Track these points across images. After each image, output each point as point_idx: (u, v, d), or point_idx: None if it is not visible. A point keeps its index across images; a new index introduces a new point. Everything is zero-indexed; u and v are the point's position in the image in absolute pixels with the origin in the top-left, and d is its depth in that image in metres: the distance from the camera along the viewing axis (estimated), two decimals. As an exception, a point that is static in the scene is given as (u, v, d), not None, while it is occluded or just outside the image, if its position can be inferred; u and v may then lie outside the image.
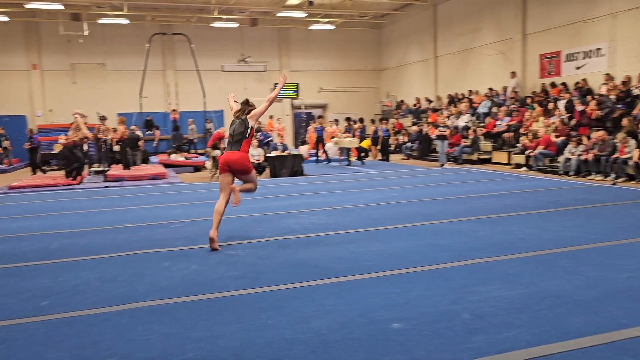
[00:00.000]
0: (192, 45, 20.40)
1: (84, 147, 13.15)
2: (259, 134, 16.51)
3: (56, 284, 4.43)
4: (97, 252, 5.53)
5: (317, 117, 18.48)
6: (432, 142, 17.41)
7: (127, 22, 20.78)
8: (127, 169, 14.32)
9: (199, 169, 16.22)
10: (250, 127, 5.70)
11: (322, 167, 15.37)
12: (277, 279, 4.36)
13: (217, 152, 13.69)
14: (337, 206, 8.11)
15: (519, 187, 9.82)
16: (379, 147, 17.57)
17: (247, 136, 5.68)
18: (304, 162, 14.44)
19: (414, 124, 19.91)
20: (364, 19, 23.95)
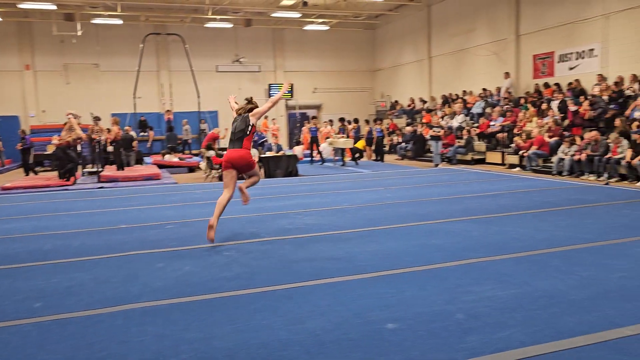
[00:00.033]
0: (186, 45, 20.35)
1: (77, 147, 13.09)
2: (254, 134, 16.48)
3: (50, 285, 4.41)
4: (91, 253, 5.50)
5: (312, 118, 18.49)
6: (426, 143, 17.46)
7: (121, 22, 20.71)
8: (121, 170, 14.27)
9: (193, 169, 16.18)
10: (251, 124, 5.83)
11: (316, 168, 15.37)
12: (272, 280, 4.35)
13: (211, 153, 13.66)
14: (331, 206, 8.11)
15: (512, 187, 9.85)
16: (374, 147, 17.60)
17: (249, 133, 5.81)
18: (299, 162, 14.44)
19: (408, 125, 19.95)
20: (358, 20, 23.99)
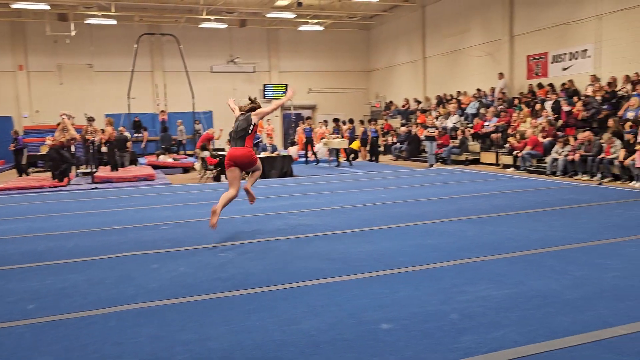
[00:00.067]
0: (181, 45, 20.31)
1: (71, 148, 13.04)
2: (255, 133, 16.46)
3: (43, 286, 4.39)
4: (85, 254, 5.48)
5: (306, 118, 18.48)
6: (421, 143, 17.48)
7: (115, 22, 20.63)
8: (115, 171, 14.22)
9: (187, 170, 16.15)
10: (253, 123, 5.95)
11: (311, 168, 15.37)
12: (266, 281, 4.35)
13: (206, 153, 13.64)
14: (326, 207, 8.12)
15: (507, 187, 9.89)
16: (368, 147, 17.61)
17: (250, 132, 5.95)
18: (293, 163, 14.44)
19: (403, 125, 19.98)
20: (352, 20, 24.01)
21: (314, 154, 16.58)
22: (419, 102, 21.25)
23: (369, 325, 3.34)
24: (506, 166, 14.00)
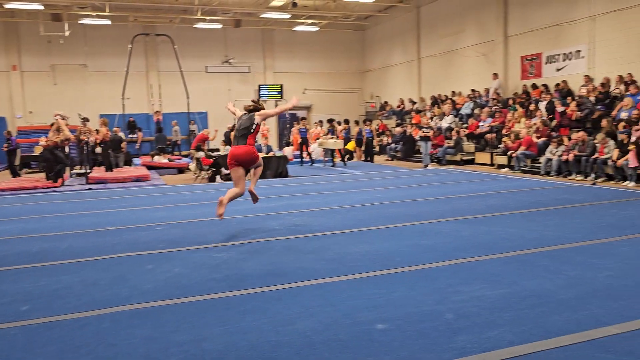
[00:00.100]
0: (175, 46, 20.26)
1: (65, 149, 12.98)
2: (257, 132, 16.42)
3: (37, 288, 4.36)
4: (79, 255, 5.46)
5: (301, 119, 18.49)
6: (415, 143, 17.51)
7: (109, 22, 20.56)
8: (110, 171, 14.17)
9: (182, 170, 16.11)
10: (256, 123, 6.08)
11: (306, 169, 15.36)
12: (261, 281, 4.35)
13: (200, 154, 13.61)
14: (321, 207, 8.11)
15: (501, 187, 9.92)
16: (363, 148, 17.62)
17: (252, 131, 6.07)
18: (289, 163, 14.43)
19: (398, 125, 20.00)
20: (347, 21, 24.01)
21: (309, 154, 16.58)
22: (414, 103, 21.29)
23: (364, 325, 3.34)
24: (501, 166, 14.05)
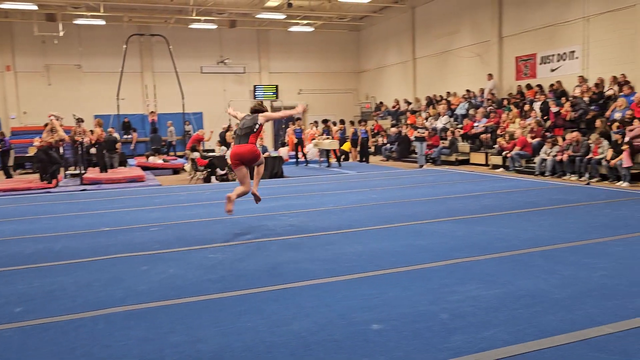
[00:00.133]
0: (170, 46, 20.22)
1: (60, 149, 12.93)
2: (260, 132, 16.41)
3: (31, 289, 4.34)
4: (73, 256, 5.44)
5: (296, 119, 18.48)
6: (411, 144, 17.54)
7: (104, 22, 20.49)
8: (104, 172, 14.12)
9: (177, 171, 16.07)
10: (259, 123, 6.24)
11: (302, 169, 15.36)
12: (257, 282, 4.34)
13: (196, 154, 13.58)
14: (317, 208, 8.11)
15: (496, 187, 9.95)
16: (358, 148, 17.63)
17: (255, 131, 6.23)
18: (284, 164, 14.42)
19: (393, 126, 20.04)
20: (342, 21, 24.02)
21: (304, 155, 16.58)
22: (409, 103, 21.32)
23: (359, 326, 3.34)
24: (495, 167, 14.09)
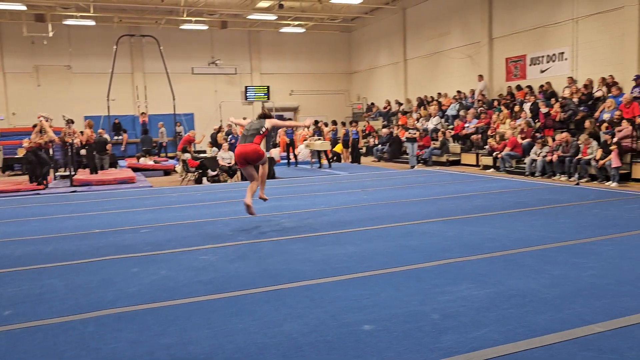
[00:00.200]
0: (161, 47, 20.14)
1: (49, 150, 12.83)
2: (230, 136, 16.41)
3: (20, 292, 4.30)
4: (63, 259, 5.39)
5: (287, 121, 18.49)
6: (402, 145, 17.60)
7: (94, 23, 20.38)
8: (95, 174, 14.03)
9: (168, 172, 16.02)
10: (265, 127, 6.68)
11: (293, 170, 15.35)
12: (248, 283, 4.33)
13: (187, 156, 13.54)
14: (308, 209, 8.11)
15: (487, 188, 9.99)
16: (350, 149, 17.65)
17: (261, 133, 6.64)
18: (276, 165, 14.40)
19: (385, 127, 20.09)
20: (334, 22, 24.06)
21: (295, 156, 16.58)
22: (400, 104, 21.39)
23: (351, 326, 3.34)
24: (486, 167, 14.17)
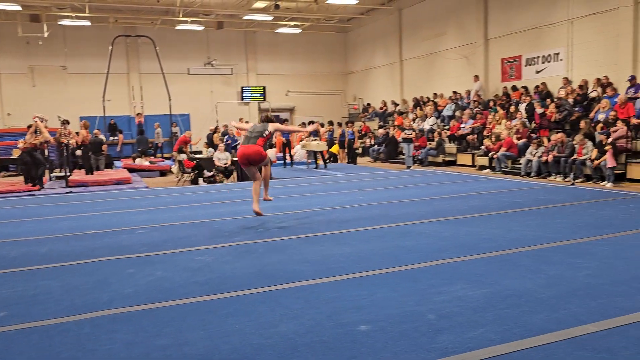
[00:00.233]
0: (157, 47, 20.09)
1: (44, 151, 12.79)
2: (226, 137, 16.39)
3: (14, 293, 4.28)
4: (59, 260, 5.37)
5: (284, 121, 18.49)
6: (398, 145, 17.61)
7: (89, 23, 20.32)
8: (90, 174, 13.98)
9: (164, 173, 15.98)
10: (268, 130, 6.85)
11: (289, 171, 15.35)
12: (244, 284, 4.32)
13: (183, 156, 13.52)
14: (304, 209, 8.11)
15: (483, 188, 10.02)
16: (346, 149, 17.66)
17: (264, 136, 6.79)
18: (272, 165, 14.37)
19: (381, 127, 20.10)
20: (330, 23, 24.06)
21: (291, 156, 16.58)
22: (396, 105, 21.41)
23: (347, 327, 3.34)
24: (482, 167, 14.19)
